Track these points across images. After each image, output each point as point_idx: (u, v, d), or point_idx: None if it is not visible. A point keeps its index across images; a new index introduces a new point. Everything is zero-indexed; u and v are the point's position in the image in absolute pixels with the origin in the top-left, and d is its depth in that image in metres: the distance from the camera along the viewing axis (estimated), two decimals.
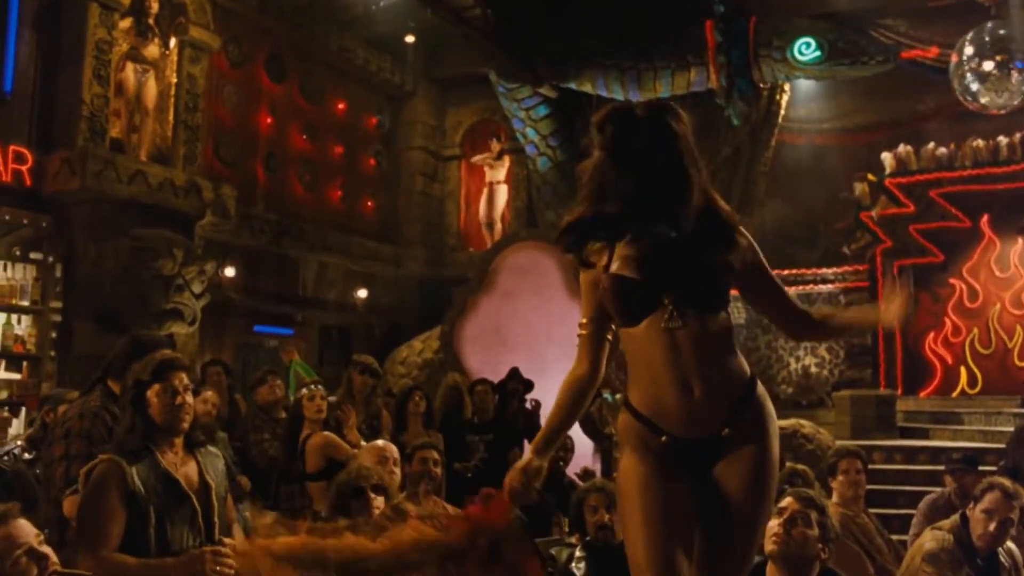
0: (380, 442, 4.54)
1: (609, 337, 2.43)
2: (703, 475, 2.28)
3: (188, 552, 2.96)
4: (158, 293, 7.85)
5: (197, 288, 8.21)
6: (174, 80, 8.86)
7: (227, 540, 3.09)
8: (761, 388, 2.35)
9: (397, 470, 4.29)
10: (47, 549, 2.44)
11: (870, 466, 9.10)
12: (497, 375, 7.88)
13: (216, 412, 5.77)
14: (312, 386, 5.22)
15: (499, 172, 12.96)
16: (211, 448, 3.41)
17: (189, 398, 3.17)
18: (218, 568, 2.91)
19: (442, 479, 6.47)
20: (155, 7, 8.57)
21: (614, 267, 2.27)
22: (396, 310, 12.29)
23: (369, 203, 12.27)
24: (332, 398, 6.31)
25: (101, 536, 2.85)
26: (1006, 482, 3.79)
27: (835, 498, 4.67)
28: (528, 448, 2.42)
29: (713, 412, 2.24)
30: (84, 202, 7.68)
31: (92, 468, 2.97)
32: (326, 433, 5.02)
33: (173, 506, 3.03)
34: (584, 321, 2.42)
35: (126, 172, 7.88)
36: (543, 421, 6.20)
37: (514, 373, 7.60)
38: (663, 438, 2.26)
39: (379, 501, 3.52)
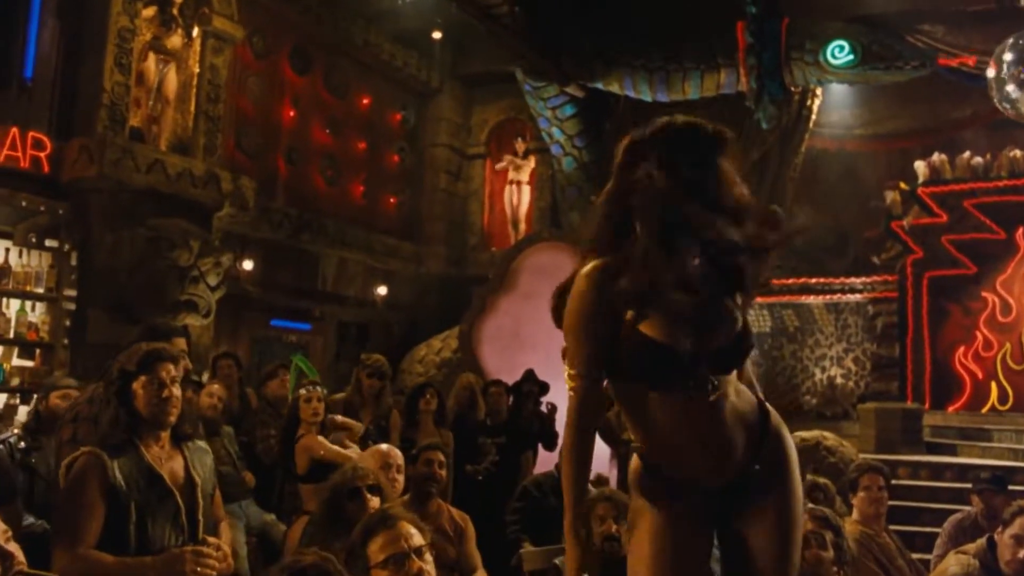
0: (384, 446, 4.40)
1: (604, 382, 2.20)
2: (727, 517, 2.18)
3: (169, 551, 2.83)
4: (173, 284, 7.78)
5: (213, 280, 8.13)
6: (196, 70, 8.80)
7: (211, 539, 2.96)
8: (773, 413, 2.22)
9: (400, 477, 4.15)
10: (13, 547, 2.32)
11: (894, 481, 8.89)
12: (515, 376, 7.74)
13: (222, 406, 5.67)
14: (310, 387, 5.10)
15: (523, 172, 12.82)
16: (200, 443, 3.29)
17: (176, 391, 3.05)
18: (199, 569, 2.78)
19: (448, 481, 6.38)
20: None
21: (652, 329, 2.04)
22: (416, 308, 12.18)
23: (391, 200, 12.17)
24: (340, 395, 6.22)
25: (78, 532, 2.74)
26: None
27: (855, 515, 4.47)
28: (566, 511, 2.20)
29: (743, 458, 2.13)
30: (101, 190, 7.61)
31: (73, 460, 2.86)
32: (311, 435, 4.91)
33: (155, 502, 2.90)
34: (578, 372, 2.13)
35: (144, 161, 7.81)
36: (559, 427, 6.08)
37: (529, 375, 7.45)
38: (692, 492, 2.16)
39: (375, 502, 3.38)
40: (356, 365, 6.22)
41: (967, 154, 11.79)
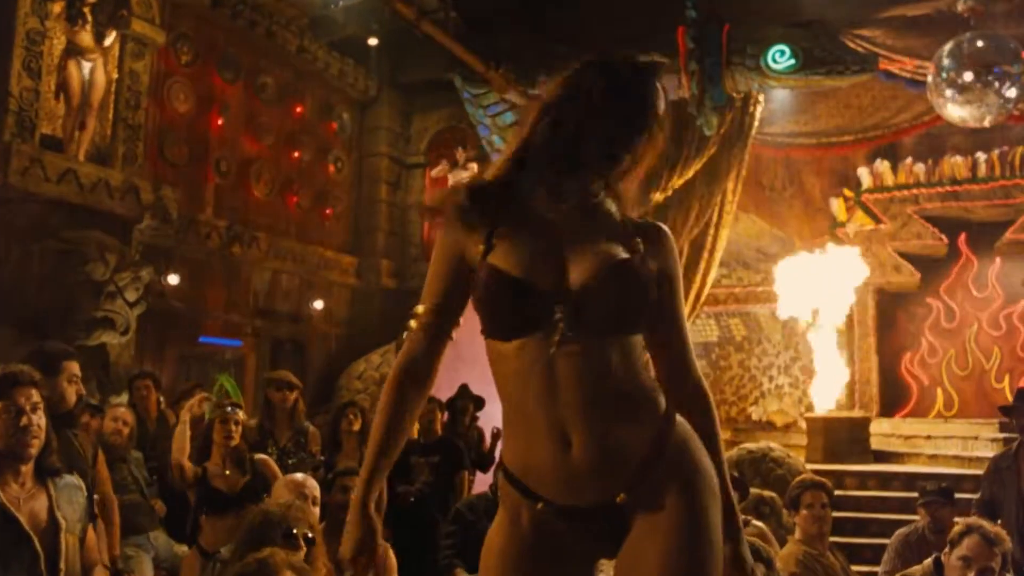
0: (300, 475, 4.05)
1: (452, 336, 1.86)
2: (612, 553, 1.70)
3: None
4: (87, 300, 7.34)
5: (131, 296, 7.70)
6: (115, 76, 8.38)
7: None
8: (683, 429, 1.70)
9: (315, 509, 3.80)
10: None
11: (841, 492, 8.77)
12: (453, 391, 7.46)
13: (128, 430, 5.27)
14: (229, 408, 4.75)
15: (462, 179, 12.52)
16: (71, 478, 2.93)
17: (38, 419, 2.70)
18: None
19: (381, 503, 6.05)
20: None
21: (497, 258, 1.67)
22: (354, 322, 11.80)
23: (328, 211, 11.79)
24: (252, 422, 5.86)
25: None
26: (987, 525, 3.34)
27: (798, 534, 4.24)
28: (359, 484, 1.81)
29: (603, 473, 1.61)
30: (8, 201, 7.16)
31: None
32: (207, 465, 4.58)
33: (9, 548, 2.55)
34: (422, 309, 1.82)
35: (55, 171, 7.38)
36: (497, 453, 5.77)
37: (463, 390, 7.15)
38: (539, 505, 1.67)
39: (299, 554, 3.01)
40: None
41: (909, 160, 11.80)
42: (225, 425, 4.65)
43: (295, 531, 2.96)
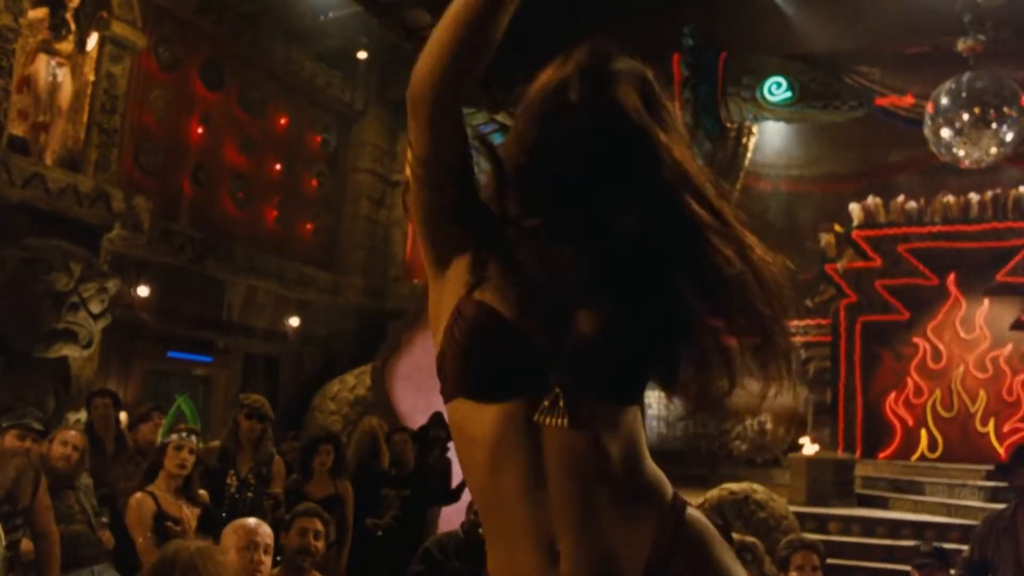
0: (252, 521, 3.59)
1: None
2: None
3: None
4: (48, 311, 7.01)
5: (96, 307, 7.37)
6: (92, 78, 8.09)
7: None
8: (698, 526, 1.30)
9: (267, 559, 3.45)
10: None
11: (825, 537, 8.51)
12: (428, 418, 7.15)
13: (79, 456, 4.93)
14: (183, 434, 4.43)
15: None
16: None
17: None
18: None
19: (347, 537, 5.74)
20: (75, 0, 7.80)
21: (488, 293, 1.27)
22: (331, 341, 11.48)
23: (308, 226, 11.50)
24: (215, 443, 5.56)
25: None
26: None
27: None
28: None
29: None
30: None
31: None
32: (140, 495, 4.27)
33: None
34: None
35: (21, 174, 7.06)
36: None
37: (436, 419, 6.85)
38: None
39: None
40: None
41: (901, 198, 11.65)
42: (179, 452, 4.34)
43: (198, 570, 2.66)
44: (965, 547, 7.30)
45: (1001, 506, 5.44)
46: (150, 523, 4.21)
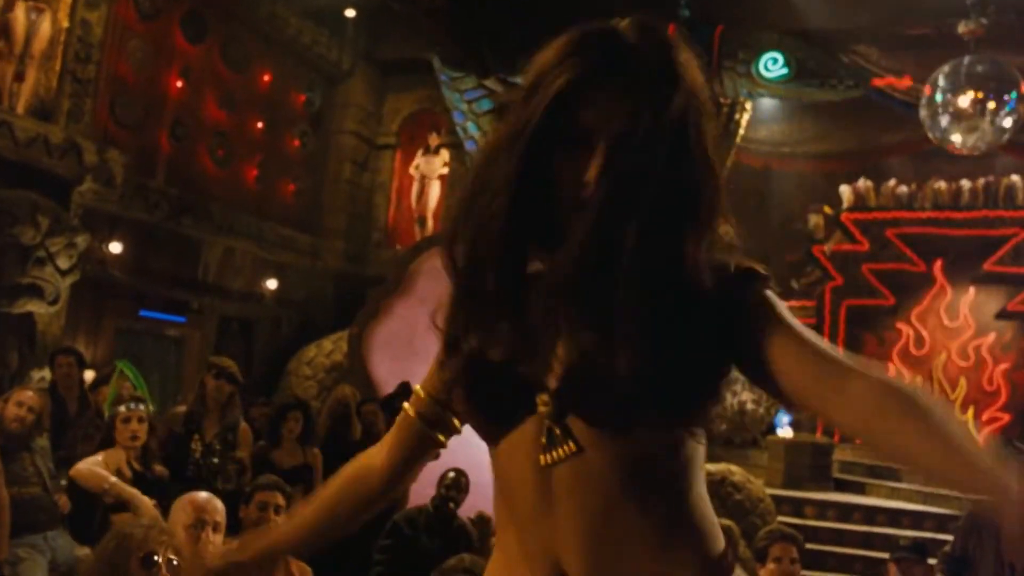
0: (202, 495, 3.32)
1: (442, 442, 1.36)
2: None
3: None
4: (13, 265, 6.77)
5: (64, 263, 7.14)
6: (66, 25, 7.78)
7: None
8: None
9: (217, 538, 3.23)
10: None
11: (800, 521, 8.45)
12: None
13: (34, 418, 4.74)
14: (131, 403, 4.24)
15: (434, 165, 12.02)
16: None
17: None
18: None
19: None
20: None
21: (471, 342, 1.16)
22: (309, 305, 11.27)
23: (289, 187, 11.24)
24: (181, 408, 5.38)
25: None
26: None
27: None
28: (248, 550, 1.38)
29: None
30: None
31: None
32: (85, 463, 4.08)
33: None
34: (415, 399, 1.34)
35: None
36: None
37: (403, 388, 6.67)
38: None
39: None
40: (240, 364, 5.38)
41: (893, 182, 11.52)
42: (127, 424, 4.15)
43: (156, 557, 2.49)
44: (941, 536, 7.26)
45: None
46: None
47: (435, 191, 11.95)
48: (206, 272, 9.89)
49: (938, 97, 8.90)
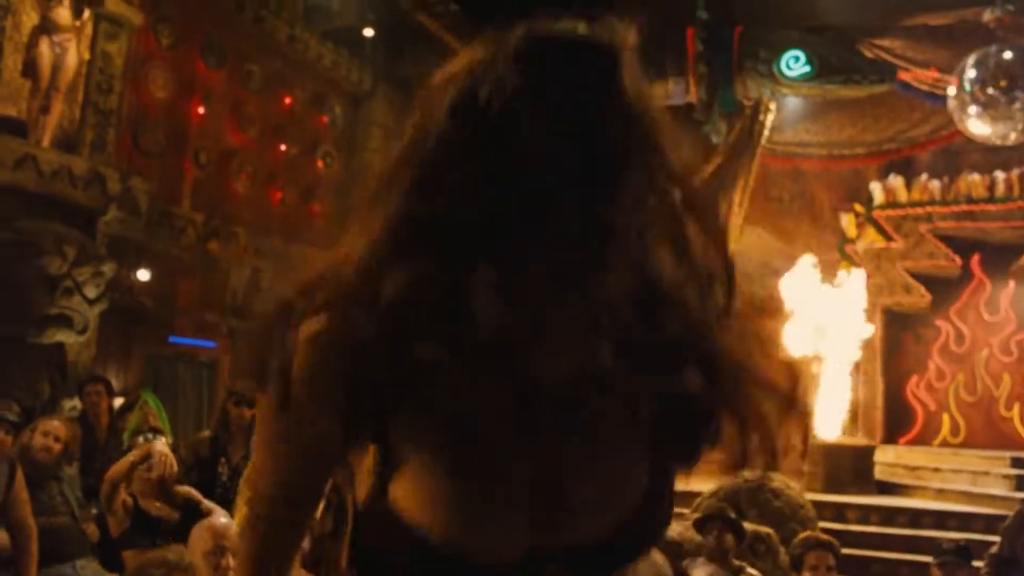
0: (221, 521, 3.35)
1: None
2: None
3: None
4: (41, 296, 6.83)
5: (92, 292, 7.19)
6: (87, 57, 7.87)
7: None
8: None
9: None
10: None
11: (843, 526, 8.27)
12: None
13: (61, 447, 4.75)
14: (148, 435, 4.23)
15: None
16: None
17: None
18: None
19: (343, 531, 5.55)
20: None
21: (403, 491, 0.88)
22: None
23: (314, 208, 11.28)
24: (206, 433, 5.39)
25: None
26: None
27: None
28: None
29: None
30: None
31: None
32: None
33: None
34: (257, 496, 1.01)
35: (11, 156, 6.87)
36: None
37: None
38: None
39: None
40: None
41: (924, 177, 11.32)
42: (146, 459, 4.14)
43: None
44: (989, 537, 7.05)
45: None
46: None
47: None
48: (234, 296, 9.92)
49: (966, 87, 8.72)
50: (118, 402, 6.60)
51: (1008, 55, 8.58)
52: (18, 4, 7.32)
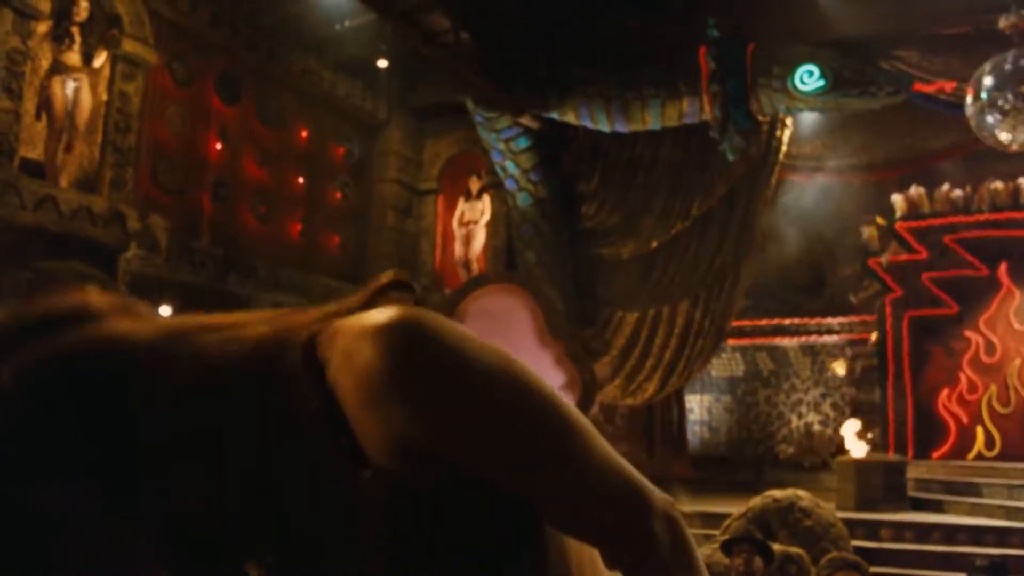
0: None
1: None
2: None
3: None
4: None
5: None
6: (104, 98, 7.99)
7: None
8: None
9: None
10: None
11: (876, 544, 8.11)
12: None
13: None
14: None
15: (477, 211, 12.04)
16: None
17: None
18: None
19: None
20: (83, 14, 7.71)
21: None
22: None
23: (333, 239, 11.34)
24: None
25: None
26: None
27: None
28: None
29: None
30: None
31: None
32: None
33: None
34: None
35: (32, 197, 6.97)
36: None
37: None
38: None
39: None
40: None
41: (946, 187, 11.19)
42: None
43: None
44: None
45: None
46: None
47: (480, 236, 11.95)
48: None
49: (983, 95, 8.62)
50: None
51: None
52: (36, 49, 7.43)
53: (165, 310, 8.66)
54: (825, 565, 3.76)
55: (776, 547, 6.18)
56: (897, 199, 11.33)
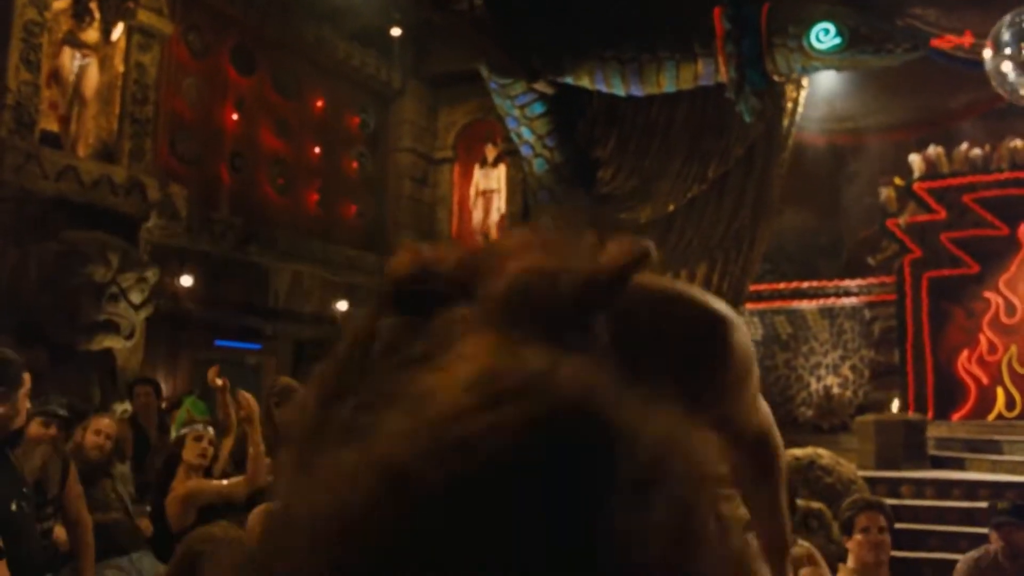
0: None
1: None
2: None
3: None
4: (88, 303, 6.97)
5: (136, 298, 7.32)
6: (121, 69, 8.03)
7: None
8: None
9: None
10: None
11: (897, 501, 8.13)
12: None
13: (112, 445, 4.85)
14: (200, 425, 4.31)
15: (493, 179, 12.04)
16: None
17: None
18: None
19: None
20: None
21: None
22: None
23: (351, 208, 11.38)
24: None
25: None
26: None
27: (851, 562, 3.67)
28: None
29: None
30: (4, 200, 6.83)
31: None
32: (190, 482, 4.11)
33: None
34: None
35: (53, 168, 7.03)
36: None
37: None
38: None
39: None
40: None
41: (965, 146, 11.09)
42: (199, 443, 4.21)
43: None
44: None
45: None
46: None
47: (496, 203, 11.97)
48: (276, 298, 10.04)
49: (1002, 50, 8.53)
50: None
51: None
52: (53, 22, 7.47)
53: (186, 280, 8.76)
54: (848, 507, 3.79)
55: (798, 503, 6.24)
56: (915, 159, 11.24)
